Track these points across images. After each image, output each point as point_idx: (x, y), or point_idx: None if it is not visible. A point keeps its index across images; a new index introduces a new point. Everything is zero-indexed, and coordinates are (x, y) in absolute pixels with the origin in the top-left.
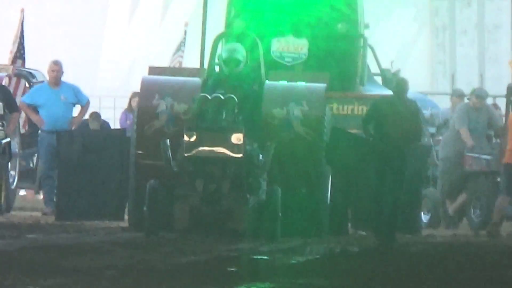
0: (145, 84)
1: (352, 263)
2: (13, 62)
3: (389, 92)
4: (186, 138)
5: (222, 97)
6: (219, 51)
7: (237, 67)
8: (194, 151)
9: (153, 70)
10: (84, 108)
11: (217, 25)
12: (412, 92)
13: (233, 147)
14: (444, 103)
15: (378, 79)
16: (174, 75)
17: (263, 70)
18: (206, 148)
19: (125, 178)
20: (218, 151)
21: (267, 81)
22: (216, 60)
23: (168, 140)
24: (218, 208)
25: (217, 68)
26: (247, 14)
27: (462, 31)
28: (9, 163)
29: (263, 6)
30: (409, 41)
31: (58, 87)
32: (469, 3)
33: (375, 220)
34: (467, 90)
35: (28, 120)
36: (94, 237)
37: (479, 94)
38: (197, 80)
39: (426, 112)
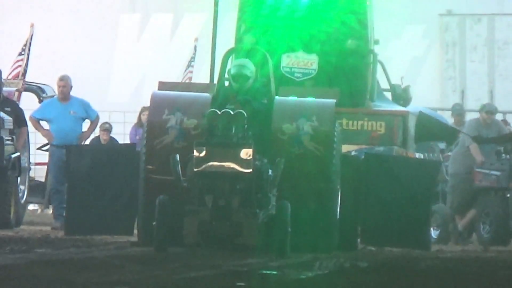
0: (155, 99)
1: (362, 278)
2: (16, 76)
3: (399, 108)
4: (195, 153)
5: (232, 112)
6: (229, 66)
7: (246, 83)
8: (203, 166)
9: (163, 85)
10: (94, 123)
11: (227, 41)
12: (422, 107)
13: (243, 162)
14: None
15: (388, 95)
16: (184, 91)
17: (273, 86)
18: (215, 163)
19: (135, 192)
20: (227, 166)
21: (276, 97)
22: (226, 76)
23: (177, 155)
24: (228, 223)
25: (227, 83)
26: (257, 30)
27: (472, 47)
28: (19, 178)
29: (273, 21)
30: (419, 57)
31: (68, 101)
32: (479, 19)
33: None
34: (476, 106)
35: None
36: (103, 252)
37: (489, 110)
38: (207, 95)
39: None
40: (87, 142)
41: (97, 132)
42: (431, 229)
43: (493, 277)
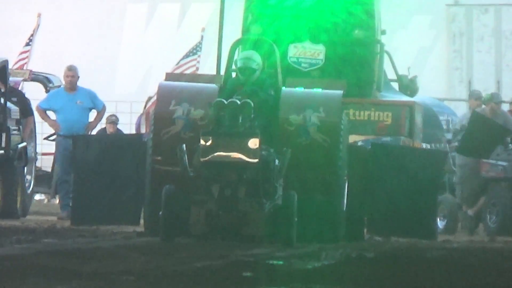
0: (162, 90)
1: (368, 269)
2: (22, 67)
3: (406, 98)
4: (202, 142)
5: (238, 102)
6: (236, 56)
7: (253, 75)
8: (210, 156)
9: (170, 77)
10: (100, 113)
11: (234, 31)
12: (429, 97)
13: (249, 152)
14: (461, 109)
15: (395, 85)
16: (190, 82)
17: (280, 76)
18: (222, 153)
19: (142, 183)
20: (234, 156)
21: (283, 88)
22: (233, 67)
23: (184, 145)
24: (234, 213)
25: (234, 75)
26: (264, 20)
27: (479, 38)
28: (25, 168)
29: (280, 11)
30: (426, 47)
31: (74, 92)
32: (486, 9)
33: None
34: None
35: None
36: (109, 242)
37: (498, 99)
38: (213, 86)
39: (443, 118)
40: (94, 132)
41: (103, 123)
42: (438, 219)
43: (500, 267)
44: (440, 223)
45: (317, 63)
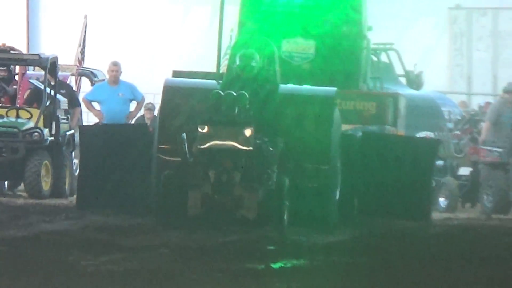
0: (167, 85)
1: (383, 243)
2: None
3: (410, 91)
4: (200, 131)
5: (235, 93)
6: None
7: (251, 72)
8: (207, 144)
9: (177, 74)
10: (140, 103)
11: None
12: (433, 91)
13: (244, 140)
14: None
15: (403, 80)
16: (194, 79)
17: (278, 72)
18: (218, 140)
19: (147, 172)
20: (229, 143)
21: (281, 85)
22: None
23: (184, 134)
24: (229, 197)
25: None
26: (259, 16)
27: (478, 38)
28: (73, 153)
29: (273, 9)
30: (431, 46)
31: (117, 85)
32: (484, 12)
33: None
34: (482, 90)
35: None
36: (149, 218)
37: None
38: (214, 82)
39: (445, 109)
40: (133, 120)
41: (142, 111)
42: (441, 199)
43: (498, 241)
44: (443, 203)
45: (308, 57)
